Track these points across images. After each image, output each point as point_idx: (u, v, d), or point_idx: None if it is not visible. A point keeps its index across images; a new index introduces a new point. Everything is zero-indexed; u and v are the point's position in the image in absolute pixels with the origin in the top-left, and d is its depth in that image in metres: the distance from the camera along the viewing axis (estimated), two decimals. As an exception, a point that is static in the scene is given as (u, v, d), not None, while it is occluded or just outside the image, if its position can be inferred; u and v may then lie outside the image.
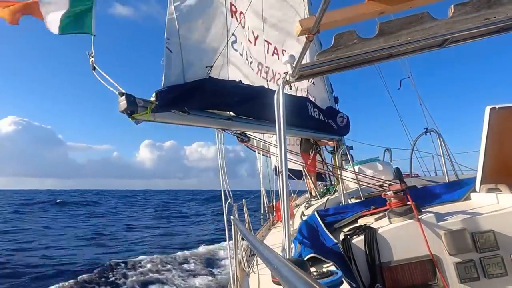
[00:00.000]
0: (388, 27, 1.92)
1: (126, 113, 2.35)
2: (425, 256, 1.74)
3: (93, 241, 14.57)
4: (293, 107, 4.19)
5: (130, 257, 10.60)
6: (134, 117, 2.38)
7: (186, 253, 11.35)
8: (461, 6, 1.87)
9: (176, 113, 2.74)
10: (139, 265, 9.72)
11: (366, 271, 1.77)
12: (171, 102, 2.66)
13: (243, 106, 3.31)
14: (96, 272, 8.95)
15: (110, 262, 9.78)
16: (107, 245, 13.81)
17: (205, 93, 2.95)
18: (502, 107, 1.95)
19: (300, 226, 2.31)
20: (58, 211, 30.61)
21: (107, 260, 10.10)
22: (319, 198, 4.81)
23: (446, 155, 3.66)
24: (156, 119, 2.59)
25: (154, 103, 2.49)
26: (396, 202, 1.95)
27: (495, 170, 2.07)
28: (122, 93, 2.32)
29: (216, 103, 3.11)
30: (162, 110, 2.61)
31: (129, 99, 2.32)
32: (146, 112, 2.42)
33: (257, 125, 3.55)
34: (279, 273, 0.72)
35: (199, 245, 12.80)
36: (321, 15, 1.37)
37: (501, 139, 2.02)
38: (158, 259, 10.36)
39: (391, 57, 2.15)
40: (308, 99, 5.00)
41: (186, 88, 2.82)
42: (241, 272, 2.94)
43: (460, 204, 2.19)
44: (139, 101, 2.40)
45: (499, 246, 1.72)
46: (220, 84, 3.20)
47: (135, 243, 14.19)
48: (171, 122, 2.79)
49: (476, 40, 2.06)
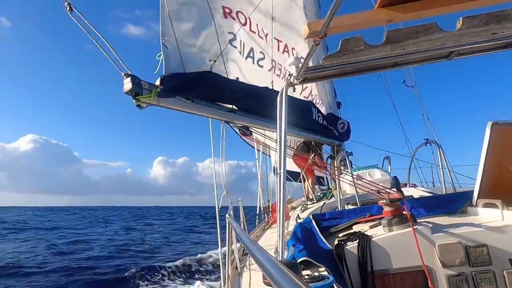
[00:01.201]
0: (396, 36, 1.92)
1: (130, 94, 2.34)
2: (418, 267, 1.74)
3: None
4: (297, 109, 4.25)
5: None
6: (138, 99, 2.37)
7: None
8: (469, 19, 1.87)
9: (180, 99, 2.75)
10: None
11: (358, 278, 1.77)
12: (176, 89, 2.68)
13: (245, 101, 3.34)
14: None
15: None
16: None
17: (209, 85, 2.98)
18: (504, 123, 1.95)
19: (294, 228, 2.31)
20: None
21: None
22: (315, 202, 4.81)
23: (445, 167, 3.66)
24: (160, 103, 2.59)
25: (159, 87, 2.49)
26: (392, 210, 1.95)
27: (492, 185, 2.07)
28: (127, 74, 2.31)
29: (219, 95, 3.14)
30: (167, 96, 2.61)
31: (134, 80, 2.32)
32: (150, 95, 2.41)
33: (258, 120, 3.56)
34: (270, 274, 0.72)
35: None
36: (330, 19, 1.37)
37: (500, 155, 2.01)
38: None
39: (397, 65, 2.15)
40: (313, 103, 5.05)
41: (191, 77, 2.85)
42: (233, 271, 2.94)
43: (456, 216, 2.19)
44: (144, 84, 2.40)
45: (492, 262, 1.72)
46: (223, 79, 3.23)
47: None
48: (175, 108, 2.80)
49: (483, 54, 2.06)
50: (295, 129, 4.30)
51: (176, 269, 10.37)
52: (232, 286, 2.65)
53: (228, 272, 2.77)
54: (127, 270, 10.23)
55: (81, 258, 12.41)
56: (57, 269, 10.42)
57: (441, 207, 2.31)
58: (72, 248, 14.74)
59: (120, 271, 10.23)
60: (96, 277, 9.50)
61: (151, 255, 13.30)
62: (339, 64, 1.95)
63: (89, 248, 15.04)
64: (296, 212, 4.23)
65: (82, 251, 14.05)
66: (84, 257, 12.41)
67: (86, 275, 9.72)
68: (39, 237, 19.27)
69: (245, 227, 4.10)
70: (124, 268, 10.51)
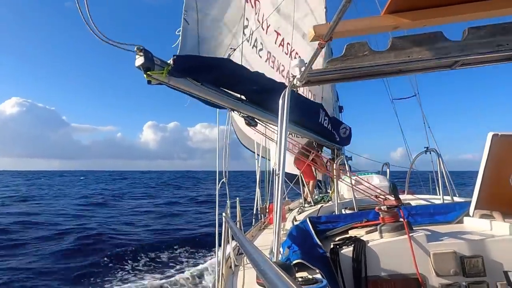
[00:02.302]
0: (400, 43, 1.92)
1: (142, 69, 2.34)
2: (412, 275, 1.74)
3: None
4: (306, 109, 4.28)
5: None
6: (149, 74, 2.36)
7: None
8: (475, 29, 1.87)
9: (190, 81, 2.74)
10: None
11: (351, 282, 1.77)
12: (189, 70, 2.66)
13: (257, 95, 3.32)
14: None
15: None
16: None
17: (223, 72, 2.96)
18: (504, 135, 1.95)
19: (290, 230, 2.31)
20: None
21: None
22: (312, 205, 4.81)
23: (444, 176, 3.66)
24: (170, 82, 2.57)
25: (171, 65, 2.48)
26: (388, 217, 1.95)
27: (490, 196, 2.07)
28: (140, 48, 2.30)
29: (232, 84, 3.12)
30: (178, 75, 2.59)
31: (147, 55, 2.31)
32: (162, 72, 2.40)
33: (264, 113, 3.55)
34: (264, 275, 0.72)
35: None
36: (336, 23, 1.37)
37: (499, 166, 2.01)
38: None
39: (400, 72, 2.15)
40: (322, 106, 5.08)
41: (205, 61, 2.83)
42: (227, 270, 2.94)
43: (452, 226, 2.19)
44: (156, 60, 2.38)
45: (486, 273, 1.72)
46: (239, 69, 3.20)
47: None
48: (183, 89, 2.76)
49: (487, 65, 2.06)
50: (298, 127, 4.32)
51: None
52: (225, 285, 2.65)
53: (222, 270, 2.77)
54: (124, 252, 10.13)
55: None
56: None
57: (438, 216, 2.31)
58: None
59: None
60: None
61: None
62: (342, 68, 1.96)
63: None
64: (292, 214, 4.23)
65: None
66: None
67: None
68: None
69: (241, 226, 4.10)
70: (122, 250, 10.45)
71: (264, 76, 3.42)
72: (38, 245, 9.73)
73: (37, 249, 9.30)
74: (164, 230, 12.08)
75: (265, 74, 3.46)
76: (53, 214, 15.71)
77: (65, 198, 24.49)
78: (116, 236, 10.79)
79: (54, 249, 9.22)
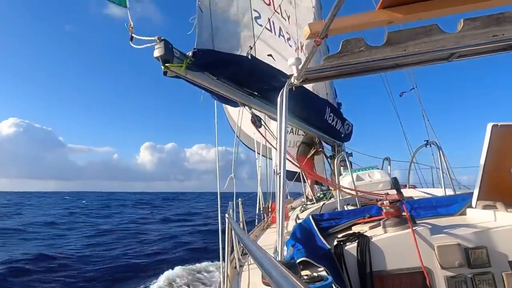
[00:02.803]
0: (396, 37, 1.92)
1: (161, 60, 2.31)
2: (417, 268, 1.74)
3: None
4: (312, 105, 4.28)
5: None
6: (167, 66, 2.34)
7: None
8: (470, 21, 1.87)
9: (207, 75, 2.73)
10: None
11: (357, 278, 1.77)
12: (208, 65, 2.64)
13: (270, 92, 3.32)
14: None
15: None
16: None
17: (242, 71, 2.95)
18: (504, 125, 1.95)
19: (294, 229, 2.31)
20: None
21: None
22: (315, 203, 4.81)
23: (445, 169, 3.66)
24: (187, 75, 2.54)
25: (190, 58, 2.45)
26: (391, 212, 1.95)
27: (492, 187, 2.07)
28: (161, 38, 2.28)
29: (247, 81, 3.11)
30: (197, 70, 2.56)
31: (167, 46, 2.28)
32: (181, 65, 2.38)
33: (275, 109, 3.55)
34: (269, 274, 0.72)
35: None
36: (331, 20, 1.37)
37: (500, 156, 2.02)
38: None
39: (397, 67, 2.15)
40: (329, 102, 5.05)
41: (224, 57, 2.82)
42: (232, 271, 2.94)
43: (455, 218, 2.19)
44: (176, 52, 2.35)
45: (491, 263, 1.72)
46: (261, 67, 3.19)
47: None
48: (200, 83, 2.74)
49: (483, 56, 2.06)
50: (303, 123, 4.32)
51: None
52: (231, 285, 2.65)
53: (227, 271, 2.77)
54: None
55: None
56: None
57: (440, 209, 2.32)
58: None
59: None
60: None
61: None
62: (339, 65, 1.96)
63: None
64: (295, 212, 4.23)
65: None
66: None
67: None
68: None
69: (244, 227, 4.10)
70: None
71: (281, 72, 3.39)
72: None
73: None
74: (94, 251, 11.83)
75: (283, 72, 3.44)
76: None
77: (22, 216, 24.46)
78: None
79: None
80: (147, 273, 9.07)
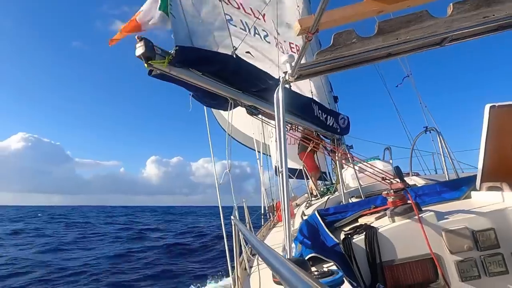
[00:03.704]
0: (387, 26, 1.92)
1: (143, 58, 2.32)
2: (426, 255, 1.74)
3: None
4: (299, 104, 4.33)
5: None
6: (150, 63, 2.35)
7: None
8: (460, 4, 1.87)
9: (192, 71, 2.73)
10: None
11: (367, 270, 1.77)
12: (191, 62, 2.65)
13: (257, 91, 3.33)
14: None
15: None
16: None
17: (227, 69, 2.96)
18: (502, 105, 1.95)
19: (300, 225, 2.31)
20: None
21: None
22: (319, 198, 4.81)
23: (446, 154, 3.66)
24: (171, 71, 2.56)
25: (172, 55, 2.46)
26: (396, 201, 1.95)
27: (495, 168, 2.07)
28: (140, 37, 2.29)
29: (234, 80, 3.12)
30: (180, 66, 2.58)
31: (147, 44, 2.30)
32: (164, 61, 2.39)
33: (264, 103, 3.56)
34: (279, 273, 0.72)
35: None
36: (320, 14, 1.37)
37: (500, 137, 2.02)
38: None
39: (390, 56, 2.15)
40: (313, 100, 5.11)
41: (208, 55, 2.82)
42: (242, 272, 2.94)
43: (461, 202, 2.19)
44: (157, 49, 2.38)
45: (500, 244, 1.72)
46: (246, 68, 3.20)
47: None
48: (185, 78, 2.74)
49: (475, 38, 2.06)
50: (299, 119, 4.36)
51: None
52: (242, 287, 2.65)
53: (237, 273, 2.77)
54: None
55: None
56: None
57: (445, 194, 2.31)
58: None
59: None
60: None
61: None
62: (333, 58, 1.95)
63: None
64: (300, 209, 4.23)
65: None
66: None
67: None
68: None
69: (250, 227, 4.10)
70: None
71: (266, 74, 3.40)
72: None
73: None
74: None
75: (268, 73, 3.45)
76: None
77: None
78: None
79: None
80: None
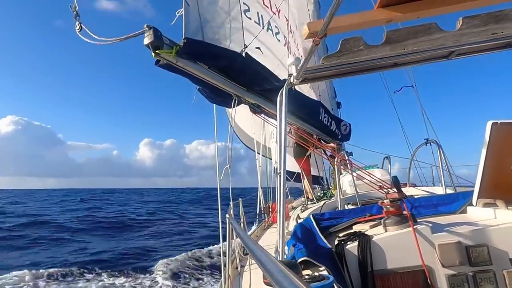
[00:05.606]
0: (395, 36, 1.92)
1: (151, 46, 2.34)
2: (418, 267, 1.74)
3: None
4: (305, 107, 4.31)
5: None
6: (158, 52, 2.36)
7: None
8: (469, 19, 1.87)
9: (199, 64, 2.73)
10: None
11: (358, 277, 1.77)
12: (197, 54, 2.65)
13: (263, 91, 3.32)
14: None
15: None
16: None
17: (233, 67, 2.95)
18: (504, 123, 1.95)
19: (294, 228, 2.31)
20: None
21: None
22: (315, 202, 4.81)
23: (445, 167, 3.66)
24: (178, 62, 2.54)
25: (180, 46, 2.46)
26: (392, 210, 1.95)
27: (492, 185, 2.07)
28: (149, 26, 2.31)
29: (240, 78, 3.10)
30: (187, 58, 2.58)
31: (156, 33, 2.31)
32: (171, 51, 2.40)
33: (267, 103, 3.55)
34: (270, 274, 0.72)
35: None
36: (330, 19, 1.37)
37: (500, 154, 2.02)
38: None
39: (396, 65, 2.15)
40: (321, 103, 5.07)
41: (216, 51, 2.81)
42: (234, 271, 2.94)
43: (456, 216, 2.19)
44: (165, 39, 2.38)
45: (492, 261, 1.72)
46: (253, 67, 3.18)
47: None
48: (191, 71, 2.73)
49: (483, 54, 2.06)
50: (301, 122, 4.34)
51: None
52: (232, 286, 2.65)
53: (228, 272, 2.77)
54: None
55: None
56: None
57: (441, 207, 2.32)
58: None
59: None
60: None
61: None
62: (338, 64, 1.96)
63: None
64: (296, 212, 4.24)
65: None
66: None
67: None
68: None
69: (245, 227, 4.10)
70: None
71: (273, 75, 3.39)
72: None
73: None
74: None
75: (274, 73, 3.42)
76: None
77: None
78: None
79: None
80: None
